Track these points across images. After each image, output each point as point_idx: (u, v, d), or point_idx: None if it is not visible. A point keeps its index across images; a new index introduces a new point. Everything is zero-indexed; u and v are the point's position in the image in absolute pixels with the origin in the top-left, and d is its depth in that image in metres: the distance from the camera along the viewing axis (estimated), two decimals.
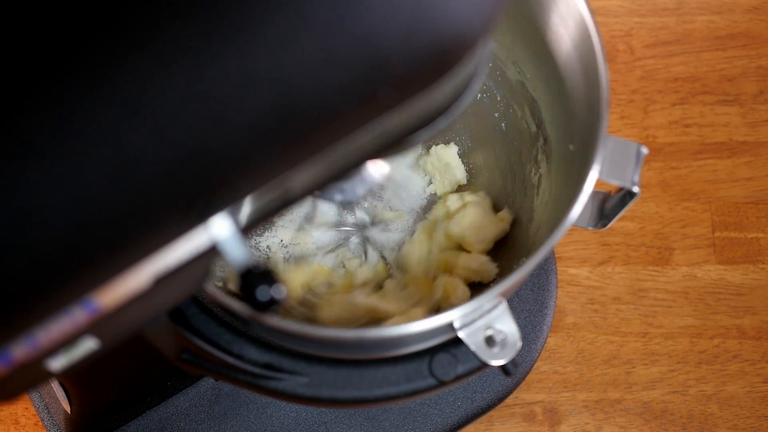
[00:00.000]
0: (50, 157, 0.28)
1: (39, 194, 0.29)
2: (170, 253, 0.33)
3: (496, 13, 0.32)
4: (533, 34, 0.57)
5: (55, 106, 0.28)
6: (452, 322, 0.48)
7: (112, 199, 0.29)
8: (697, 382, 0.72)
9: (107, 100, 0.29)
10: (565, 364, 0.72)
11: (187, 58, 0.29)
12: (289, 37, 0.29)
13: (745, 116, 0.78)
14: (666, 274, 0.74)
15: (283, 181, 0.34)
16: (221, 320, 0.49)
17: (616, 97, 0.79)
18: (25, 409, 0.70)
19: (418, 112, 0.36)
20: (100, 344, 0.37)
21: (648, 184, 0.76)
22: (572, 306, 0.73)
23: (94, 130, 0.29)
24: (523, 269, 0.48)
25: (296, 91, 0.30)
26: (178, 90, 0.29)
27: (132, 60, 0.29)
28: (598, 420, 0.71)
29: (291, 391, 0.50)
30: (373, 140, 0.35)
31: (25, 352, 0.33)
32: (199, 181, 0.31)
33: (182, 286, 0.38)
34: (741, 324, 0.73)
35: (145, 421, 0.65)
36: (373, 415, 0.67)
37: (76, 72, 0.29)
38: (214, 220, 0.33)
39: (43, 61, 0.29)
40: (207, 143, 0.30)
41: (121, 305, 0.34)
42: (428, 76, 0.33)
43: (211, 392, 0.66)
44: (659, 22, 0.81)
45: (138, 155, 0.29)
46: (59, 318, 0.32)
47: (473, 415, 0.68)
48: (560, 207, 0.55)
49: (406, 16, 0.30)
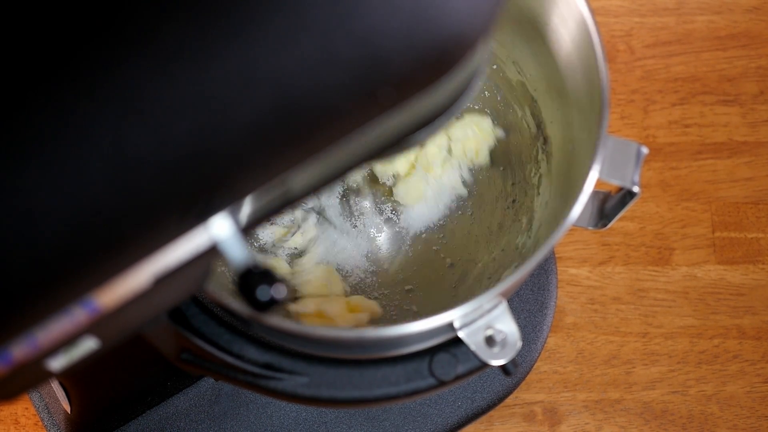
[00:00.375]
0: (50, 157, 0.28)
1: (39, 194, 0.29)
2: (170, 253, 0.33)
3: (496, 13, 0.32)
4: (533, 34, 0.57)
5: (54, 106, 0.28)
6: (452, 322, 0.48)
7: (111, 199, 0.29)
8: (697, 382, 0.72)
9: (106, 100, 0.29)
10: (565, 364, 0.72)
11: (186, 58, 0.29)
12: (288, 36, 0.29)
13: (745, 116, 0.78)
14: (666, 274, 0.74)
15: (283, 181, 0.34)
16: (221, 320, 0.49)
17: (616, 97, 0.79)
18: (25, 409, 0.70)
19: (418, 112, 0.36)
20: (100, 344, 0.37)
21: (648, 184, 0.76)
22: (572, 306, 0.73)
23: (94, 130, 0.29)
24: (523, 269, 0.48)
25: (296, 91, 0.30)
26: (177, 90, 0.29)
27: (131, 60, 0.29)
28: (598, 420, 0.71)
29: (291, 391, 0.50)
30: (373, 140, 0.35)
31: (25, 352, 0.33)
32: (198, 181, 0.31)
33: (182, 286, 0.38)
34: (741, 324, 0.73)
35: (145, 421, 0.65)
36: (373, 415, 0.67)
37: (75, 72, 0.29)
38: (214, 220, 0.33)
39: (42, 61, 0.29)
40: (207, 143, 0.30)
41: (121, 305, 0.34)
42: (428, 76, 0.33)
43: (211, 392, 0.66)
44: (659, 22, 0.81)
45: (137, 155, 0.29)
46: (59, 318, 0.32)
47: (473, 415, 0.68)
48: (560, 207, 0.55)
49: (406, 16, 0.30)
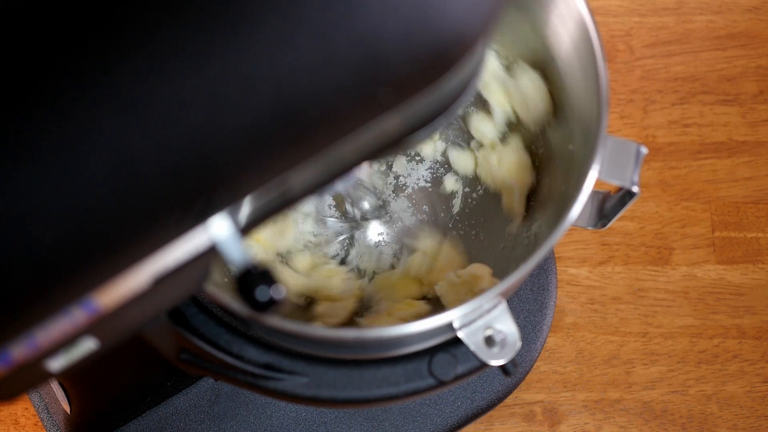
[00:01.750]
0: (49, 157, 0.29)
1: (38, 194, 0.29)
2: (170, 253, 0.33)
3: (496, 13, 0.32)
4: (533, 34, 0.57)
5: (53, 106, 0.28)
6: (452, 322, 0.48)
7: (111, 200, 0.29)
8: (696, 382, 0.72)
9: (106, 101, 0.29)
10: (565, 364, 0.72)
11: (185, 58, 0.29)
12: (287, 37, 0.29)
13: (744, 116, 0.78)
14: (666, 273, 0.74)
15: (283, 181, 0.34)
16: (221, 320, 0.49)
17: (616, 97, 0.79)
18: (24, 409, 0.70)
19: (418, 112, 0.36)
20: (100, 344, 0.37)
21: (648, 183, 0.76)
22: (572, 306, 0.73)
23: (93, 131, 0.29)
24: (522, 269, 0.48)
25: (295, 91, 0.30)
26: (176, 90, 0.29)
27: (131, 60, 0.29)
28: (598, 420, 0.71)
29: (291, 391, 0.50)
30: (372, 140, 0.35)
31: (24, 352, 0.33)
32: (198, 182, 0.31)
33: (182, 286, 0.38)
34: (741, 324, 0.73)
35: (145, 421, 0.65)
36: (373, 415, 0.67)
37: (73, 73, 0.29)
38: (214, 220, 0.33)
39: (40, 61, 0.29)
40: (206, 144, 0.30)
41: (120, 305, 0.34)
42: (428, 76, 0.33)
43: (211, 392, 0.66)
44: (659, 21, 0.81)
45: (136, 155, 0.29)
46: (59, 318, 0.32)
47: (473, 415, 0.68)
48: (560, 207, 0.55)
49: (405, 17, 0.30)
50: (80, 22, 0.29)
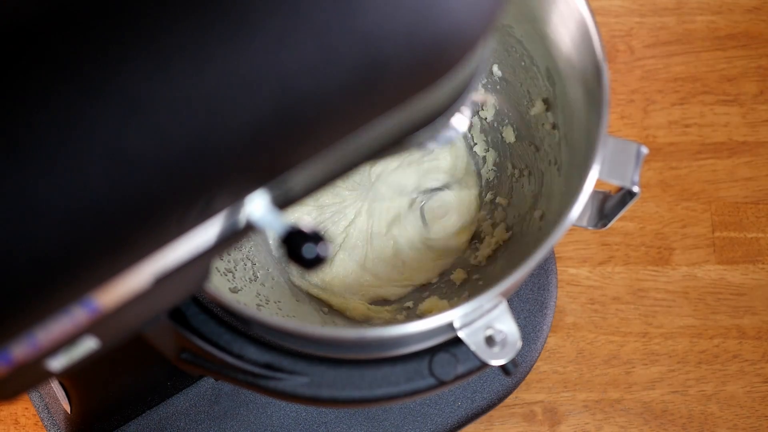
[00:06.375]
0: (50, 156, 0.29)
1: (38, 194, 0.29)
2: (170, 253, 0.33)
3: (496, 13, 0.32)
4: (533, 34, 0.57)
5: (54, 105, 0.28)
6: (452, 322, 0.48)
7: (111, 199, 0.29)
8: (697, 382, 0.72)
9: (107, 100, 0.29)
10: (565, 364, 0.72)
11: (186, 57, 0.29)
12: (288, 36, 0.29)
13: (745, 116, 0.78)
14: (666, 274, 0.74)
15: (283, 181, 0.34)
16: (221, 320, 0.49)
17: (616, 97, 0.79)
18: (25, 409, 0.70)
19: (418, 112, 0.36)
20: (100, 344, 0.37)
21: (648, 184, 0.76)
22: (572, 306, 0.73)
23: (94, 130, 0.29)
24: (523, 269, 0.48)
25: (296, 90, 0.30)
26: (177, 89, 0.29)
27: (132, 59, 0.29)
28: (598, 420, 0.71)
29: (291, 391, 0.50)
30: (373, 140, 0.35)
31: (25, 352, 0.33)
32: (198, 181, 0.31)
33: (182, 286, 0.38)
34: (741, 324, 0.73)
35: (145, 421, 0.65)
36: (373, 415, 0.67)
37: (75, 71, 0.29)
38: (250, 199, 0.33)
39: (41, 61, 0.29)
40: (207, 143, 0.30)
41: (121, 305, 0.34)
42: (428, 76, 0.33)
43: (211, 392, 0.66)
44: (659, 22, 0.81)
45: (138, 155, 0.29)
46: (59, 318, 0.32)
47: (473, 415, 0.68)
48: (560, 207, 0.55)
49: (405, 16, 0.30)
50: (81, 21, 0.29)
